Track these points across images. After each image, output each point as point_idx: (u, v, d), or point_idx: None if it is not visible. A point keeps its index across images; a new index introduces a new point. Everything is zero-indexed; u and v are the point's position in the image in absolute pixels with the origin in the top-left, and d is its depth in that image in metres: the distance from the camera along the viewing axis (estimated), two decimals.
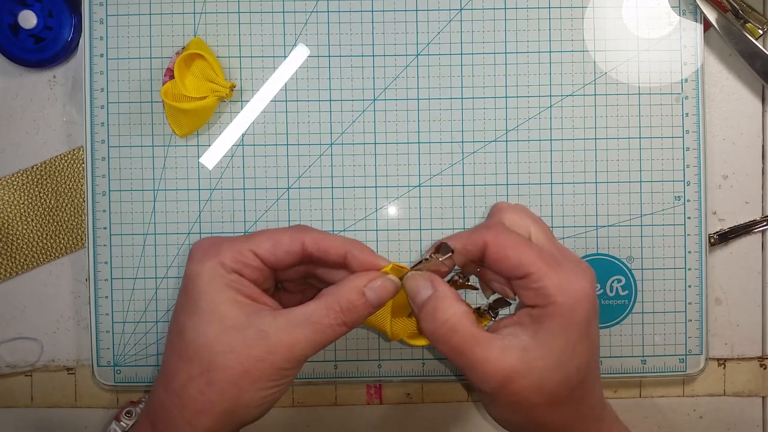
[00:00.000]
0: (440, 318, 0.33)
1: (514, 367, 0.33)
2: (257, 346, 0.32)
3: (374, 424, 0.48)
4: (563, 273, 0.33)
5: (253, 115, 0.46)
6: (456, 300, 0.34)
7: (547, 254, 0.34)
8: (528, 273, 0.33)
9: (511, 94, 0.46)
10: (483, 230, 0.35)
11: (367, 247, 0.36)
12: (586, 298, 0.33)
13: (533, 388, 0.33)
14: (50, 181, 0.47)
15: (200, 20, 0.46)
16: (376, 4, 0.46)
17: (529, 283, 0.34)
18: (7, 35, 0.46)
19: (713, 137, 0.47)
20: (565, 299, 0.33)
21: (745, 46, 0.44)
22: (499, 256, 0.34)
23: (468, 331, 0.33)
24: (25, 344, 0.48)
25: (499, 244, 0.34)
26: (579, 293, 0.33)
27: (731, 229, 0.47)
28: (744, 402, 0.48)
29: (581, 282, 0.33)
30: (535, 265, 0.33)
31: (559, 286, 0.33)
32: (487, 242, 0.34)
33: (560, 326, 0.33)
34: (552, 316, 0.33)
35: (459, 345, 0.33)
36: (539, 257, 0.33)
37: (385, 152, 0.46)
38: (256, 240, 0.35)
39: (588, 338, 0.34)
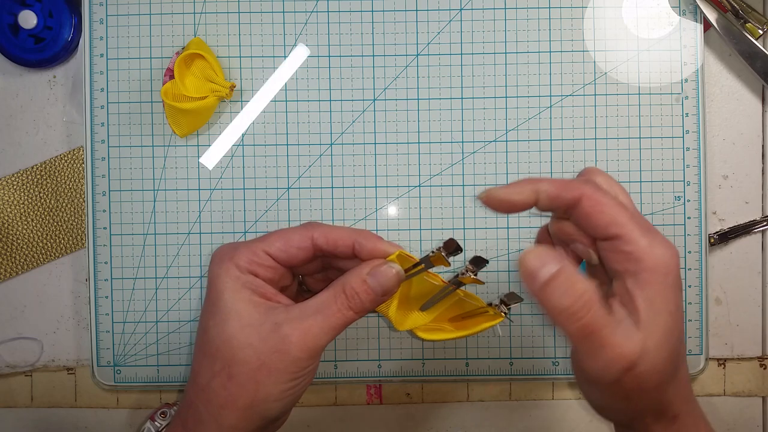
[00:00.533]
0: (576, 293, 0.31)
1: (636, 352, 0.31)
2: (272, 339, 0.34)
3: (374, 424, 0.48)
4: (654, 237, 0.32)
5: (253, 115, 0.46)
6: (585, 276, 0.32)
7: (640, 219, 0.33)
8: (620, 234, 0.32)
9: (511, 94, 0.46)
10: (581, 182, 0.33)
11: (373, 235, 0.37)
12: (675, 265, 0.32)
13: (650, 371, 0.31)
14: (50, 181, 0.47)
15: (200, 20, 0.46)
16: (376, 4, 0.46)
17: (620, 245, 0.32)
18: (7, 35, 0.46)
19: (713, 137, 0.47)
20: (658, 263, 0.32)
21: (745, 46, 0.44)
22: (594, 210, 0.33)
23: (600, 311, 0.31)
24: (25, 344, 0.48)
25: (595, 199, 0.33)
26: (669, 258, 0.32)
27: (731, 229, 0.47)
28: (744, 402, 0.48)
29: (670, 248, 0.32)
30: (628, 226, 0.32)
31: (651, 249, 0.32)
32: (583, 194, 0.33)
33: (659, 295, 0.32)
34: (648, 285, 0.32)
35: (590, 324, 0.31)
36: (632, 220, 0.32)
37: (385, 152, 0.46)
38: (268, 240, 0.36)
39: (680, 307, 0.33)
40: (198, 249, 0.46)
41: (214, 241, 0.46)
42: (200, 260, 0.46)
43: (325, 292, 0.35)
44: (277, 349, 0.33)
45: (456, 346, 0.46)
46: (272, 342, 0.34)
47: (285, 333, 0.33)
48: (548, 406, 0.48)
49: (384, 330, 0.46)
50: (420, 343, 0.46)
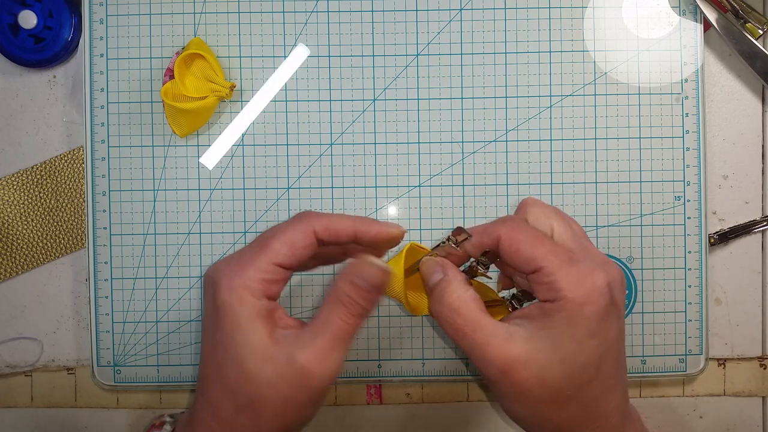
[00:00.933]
0: (446, 301, 0.34)
1: (515, 355, 0.33)
2: (290, 374, 0.33)
3: (374, 424, 0.48)
4: (576, 268, 0.33)
5: (253, 115, 0.46)
6: (463, 285, 0.35)
7: (561, 250, 0.34)
8: (539, 267, 0.33)
9: (511, 94, 0.46)
10: (499, 223, 0.35)
11: (374, 221, 0.36)
12: (599, 294, 0.33)
13: (534, 379, 0.33)
14: (50, 181, 0.47)
15: (200, 20, 0.46)
16: (376, 4, 0.46)
17: (541, 278, 0.33)
18: (7, 35, 0.46)
19: (713, 137, 0.47)
20: (574, 295, 0.33)
21: (745, 46, 0.44)
22: (511, 249, 0.34)
23: (471, 315, 0.34)
24: (25, 344, 0.48)
25: (512, 238, 0.34)
26: (590, 289, 0.33)
27: (731, 229, 0.47)
28: (744, 402, 0.48)
29: (595, 278, 0.33)
30: (546, 259, 0.33)
31: (569, 280, 0.33)
32: (500, 236, 0.35)
33: (567, 320, 0.33)
34: (560, 310, 0.33)
35: (462, 327, 0.34)
36: (552, 252, 0.33)
37: (385, 152, 0.46)
38: (271, 249, 0.34)
39: (598, 337, 0.33)
40: (198, 249, 0.46)
41: (214, 241, 0.46)
42: (200, 260, 0.46)
43: (324, 308, 0.34)
44: (298, 385, 0.33)
45: (456, 345, 0.46)
46: (291, 377, 0.33)
47: (302, 366, 0.33)
48: None
49: (384, 330, 0.46)
50: (420, 343, 0.46)
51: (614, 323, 0.34)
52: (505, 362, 0.33)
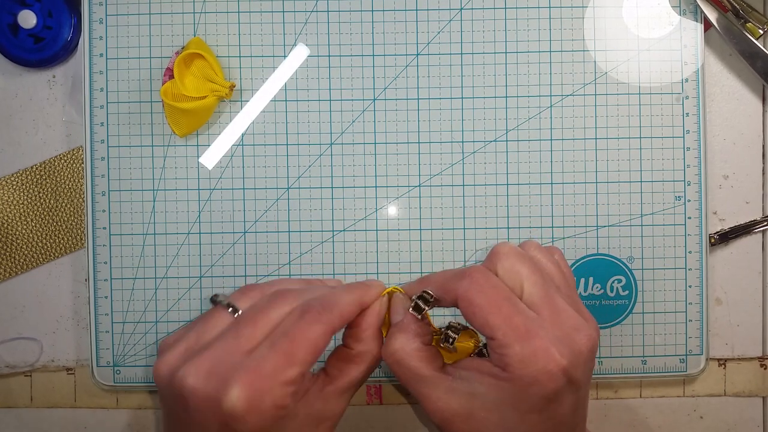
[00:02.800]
0: (390, 347, 0.34)
1: (454, 410, 0.33)
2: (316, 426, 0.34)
3: (374, 424, 0.48)
4: (530, 346, 0.31)
5: (253, 115, 0.46)
6: (412, 335, 0.34)
7: (519, 321, 0.31)
8: (492, 336, 0.32)
9: (511, 94, 0.46)
10: (459, 278, 0.33)
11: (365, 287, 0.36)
12: (549, 378, 0.31)
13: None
14: (50, 181, 0.47)
15: (200, 20, 0.46)
16: (376, 4, 0.46)
17: (493, 346, 0.32)
18: (6, 35, 0.46)
19: (713, 137, 0.47)
20: (522, 374, 0.31)
21: (745, 46, 0.44)
22: (467, 312, 0.33)
23: (412, 369, 0.34)
24: (25, 344, 0.48)
25: (468, 300, 0.32)
26: (540, 372, 0.31)
27: (732, 229, 0.47)
28: (744, 402, 0.48)
29: (548, 362, 0.31)
30: (500, 330, 0.31)
31: (519, 359, 0.31)
32: (457, 296, 0.33)
33: (512, 393, 0.32)
34: (507, 381, 0.32)
35: (404, 378, 0.34)
36: (507, 323, 0.31)
37: (385, 152, 0.46)
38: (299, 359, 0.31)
39: (545, 413, 0.32)
40: (198, 249, 0.46)
41: (214, 241, 0.46)
42: (200, 260, 0.46)
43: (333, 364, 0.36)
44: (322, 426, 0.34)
45: None
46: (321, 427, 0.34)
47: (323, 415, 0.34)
48: None
49: None
50: None
51: (567, 400, 0.32)
52: (444, 417, 0.33)
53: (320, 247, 0.46)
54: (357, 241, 0.46)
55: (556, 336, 0.32)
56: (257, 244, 0.46)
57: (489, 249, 0.46)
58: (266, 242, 0.46)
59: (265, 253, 0.46)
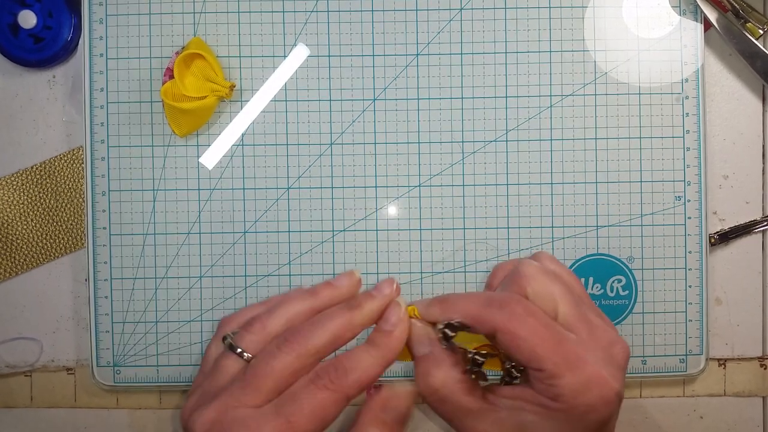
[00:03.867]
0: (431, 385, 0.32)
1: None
2: None
3: None
4: (584, 374, 0.29)
5: (253, 115, 0.46)
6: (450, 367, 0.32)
7: (567, 348, 0.30)
8: (541, 368, 0.30)
9: (511, 94, 0.46)
10: (496, 309, 0.31)
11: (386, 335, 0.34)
12: (605, 404, 0.30)
13: None
14: (50, 181, 0.47)
15: (200, 20, 0.46)
16: (376, 4, 0.46)
17: (542, 378, 0.30)
18: (6, 35, 0.46)
19: (713, 137, 0.47)
20: (577, 404, 0.29)
21: (745, 46, 0.44)
22: (510, 345, 0.30)
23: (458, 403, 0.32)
24: (25, 344, 0.48)
25: (510, 333, 0.30)
26: (597, 400, 0.29)
27: (731, 229, 0.47)
28: (744, 402, 0.48)
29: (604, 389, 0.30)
30: (549, 361, 0.29)
31: (573, 389, 0.29)
32: (496, 328, 0.30)
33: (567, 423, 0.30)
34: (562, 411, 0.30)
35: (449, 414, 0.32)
36: (555, 352, 0.30)
37: (385, 152, 0.46)
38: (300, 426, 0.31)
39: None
40: (198, 249, 0.46)
41: (214, 240, 0.46)
42: (200, 260, 0.46)
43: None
44: None
45: None
46: None
47: None
48: None
49: None
50: None
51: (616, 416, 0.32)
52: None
53: (320, 247, 0.46)
54: (357, 241, 0.46)
55: (601, 358, 0.30)
56: (257, 244, 0.46)
57: (489, 249, 0.46)
58: (266, 242, 0.46)
59: (265, 253, 0.46)
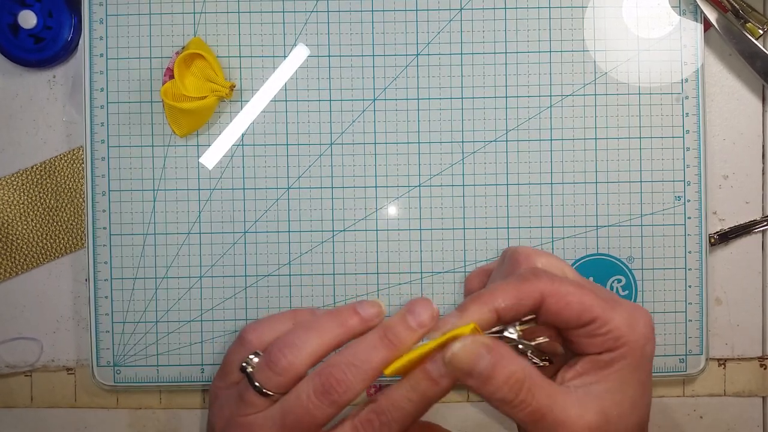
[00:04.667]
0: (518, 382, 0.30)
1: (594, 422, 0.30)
2: None
3: None
4: (625, 309, 0.31)
5: (253, 115, 0.46)
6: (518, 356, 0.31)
7: (605, 294, 0.31)
8: (594, 318, 0.30)
9: (511, 94, 0.46)
10: (533, 280, 0.31)
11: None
12: (652, 330, 0.31)
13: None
14: (50, 181, 0.47)
15: (200, 20, 0.46)
16: (376, 4, 0.46)
17: (595, 329, 0.31)
18: (6, 35, 0.46)
19: (713, 137, 0.47)
20: (637, 338, 0.30)
21: (745, 46, 0.44)
22: (560, 305, 0.31)
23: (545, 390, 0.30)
24: (25, 344, 0.48)
25: (558, 293, 0.31)
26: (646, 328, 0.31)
27: (731, 229, 0.47)
28: (744, 402, 0.48)
29: (644, 313, 0.31)
30: (598, 308, 0.30)
31: (627, 324, 0.30)
32: (543, 293, 0.31)
33: (633, 367, 0.31)
34: (624, 358, 0.31)
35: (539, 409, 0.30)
36: (599, 299, 0.31)
37: (385, 152, 0.46)
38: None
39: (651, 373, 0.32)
40: (198, 249, 0.46)
41: (214, 241, 0.46)
42: (200, 260, 0.46)
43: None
44: None
45: None
46: None
47: None
48: None
49: None
50: None
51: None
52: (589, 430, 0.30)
53: (320, 247, 0.46)
54: (357, 241, 0.46)
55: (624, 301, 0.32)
56: (257, 244, 0.46)
57: (489, 248, 0.46)
58: (266, 242, 0.46)
59: (265, 253, 0.46)
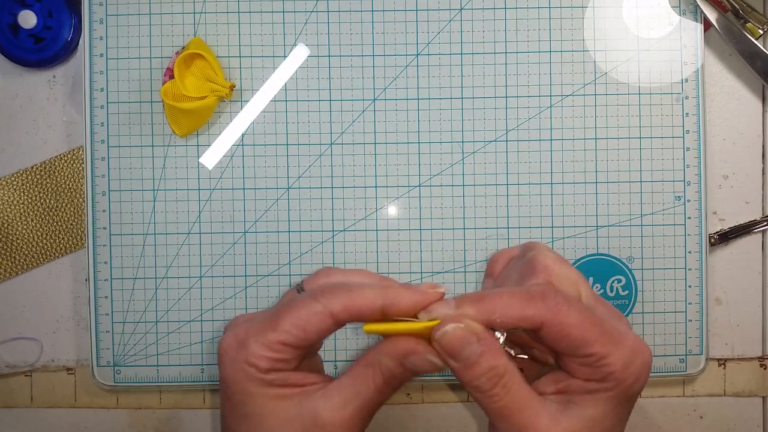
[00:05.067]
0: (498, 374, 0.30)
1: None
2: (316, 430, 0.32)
3: (374, 424, 0.48)
4: (627, 346, 0.30)
5: (253, 115, 0.46)
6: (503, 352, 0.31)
7: (609, 328, 0.30)
8: (591, 353, 0.30)
9: (511, 94, 0.46)
10: (539, 303, 0.30)
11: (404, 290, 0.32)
12: (647, 369, 0.31)
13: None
14: (50, 181, 0.47)
15: (200, 20, 0.46)
16: (376, 4, 0.46)
17: (591, 362, 0.30)
18: (6, 35, 0.46)
19: (713, 137, 0.47)
20: (626, 376, 0.30)
21: (745, 46, 0.44)
22: (560, 335, 0.30)
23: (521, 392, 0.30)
24: (25, 344, 0.48)
25: (561, 324, 0.30)
26: (641, 367, 0.30)
27: (731, 229, 0.47)
28: (744, 402, 0.48)
29: (644, 351, 0.31)
30: (598, 343, 0.30)
31: (623, 363, 0.30)
32: (544, 322, 0.30)
33: (616, 401, 0.31)
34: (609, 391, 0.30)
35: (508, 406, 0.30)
36: (602, 332, 0.30)
37: (385, 152, 0.46)
38: (281, 329, 0.31)
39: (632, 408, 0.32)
40: (198, 249, 0.46)
41: (214, 241, 0.46)
42: (200, 260, 0.46)
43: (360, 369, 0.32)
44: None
45: None
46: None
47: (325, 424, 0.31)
48: None
49: None
50: None
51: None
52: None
53: (320, 247, 0.46)
54: (357, 241, 0.46)
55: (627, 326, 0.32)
56: (257, 244, 0.46)
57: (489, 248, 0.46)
58: (266, 242, 0.46)
59: (265, 253, 0.46)
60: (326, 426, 0.31)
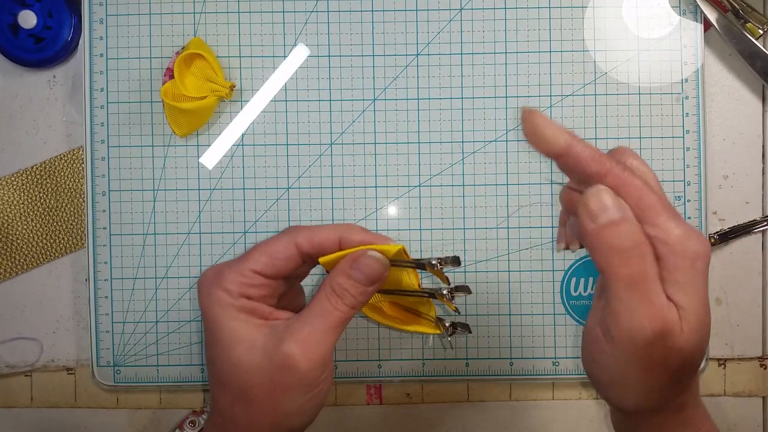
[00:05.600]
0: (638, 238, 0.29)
1: (676, 321, 0.30)
2: (277, 357, 0.33)
3: (374, 424, 0.48)
4: (682, 224, 0.30)
5: (253, 115, 0.46)
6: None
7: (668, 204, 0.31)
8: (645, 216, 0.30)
9: (511, 94, 0.46)
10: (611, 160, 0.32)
11: (358, 228, 0.36)
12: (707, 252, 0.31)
13: (680, 349, 0.30)
14: (50, 181, 0.47)
15: (200, 20, 0.46)
16: (376, 4, 0.46)
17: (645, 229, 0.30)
18: (7, 35, 0.46)
19: (713, 137, 0.47)
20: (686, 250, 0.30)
21: (745, 46, 0.44)
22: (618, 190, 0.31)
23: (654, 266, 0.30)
24: (25, 344, 0.48)
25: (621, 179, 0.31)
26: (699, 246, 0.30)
27: (731, 229, 0.47)
28: (744, 402, 0.48)
29: (701, 237, 0.31)
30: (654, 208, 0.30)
31: (681, 236, 0.30)
32: (609, 171, 0.31)
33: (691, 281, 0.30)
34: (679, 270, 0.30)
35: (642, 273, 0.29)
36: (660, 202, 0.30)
37: (385, 152, 0.46)
38: (252, 258, 0.35)
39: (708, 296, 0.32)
40: (198, 249, 0.46)
41: (214, 240, 0.46)
42: (200, 260, 0.46)
43: (317, 296, 0.35)
44: (285, 366, 0.33)
45: (456, 346, 0.46)
46: (278, 361, 0.33)
47: (288, 349, 0.33)
48: (548, 407, 0.48)
49: (384, 330, 0.46)
50: (420, 344, 0.46)
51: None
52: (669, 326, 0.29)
53: None
54: None
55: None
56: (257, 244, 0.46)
57: (489, 248, 0.46)
58: None
59: None
60: (289, 356, 0.33)
